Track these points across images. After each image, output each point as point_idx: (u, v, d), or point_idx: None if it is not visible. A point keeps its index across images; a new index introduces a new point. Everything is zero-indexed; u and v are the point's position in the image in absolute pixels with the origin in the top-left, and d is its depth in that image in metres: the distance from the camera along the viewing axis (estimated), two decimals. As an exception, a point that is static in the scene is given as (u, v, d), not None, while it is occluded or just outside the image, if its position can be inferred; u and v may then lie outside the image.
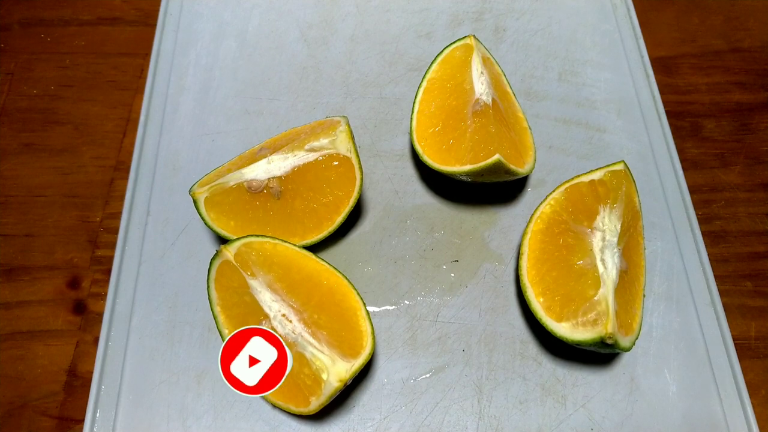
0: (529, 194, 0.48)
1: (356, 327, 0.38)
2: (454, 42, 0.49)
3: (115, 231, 0.46)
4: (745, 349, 0.43)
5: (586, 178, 0.43)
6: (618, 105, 0.53)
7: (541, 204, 0.43)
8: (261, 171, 0.42)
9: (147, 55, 0.55)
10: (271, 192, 0.41)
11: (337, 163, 0.42)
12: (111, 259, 0.45)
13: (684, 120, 0.53)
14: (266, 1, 0.57)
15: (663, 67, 0.56)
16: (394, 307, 0.43)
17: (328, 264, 0.40)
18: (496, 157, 0.40)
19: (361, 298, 0.39)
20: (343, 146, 0.42)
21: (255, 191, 0.41)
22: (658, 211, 0.48)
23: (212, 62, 0.54)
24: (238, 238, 0.39)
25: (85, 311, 0.44)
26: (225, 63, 0.54)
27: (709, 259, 0.45)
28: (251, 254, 0.39)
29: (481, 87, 0.45)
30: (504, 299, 0.44)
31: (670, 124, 0.51)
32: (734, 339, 0.43)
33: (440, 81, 0.47)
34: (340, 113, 0.51)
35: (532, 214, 0.43)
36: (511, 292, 0.44)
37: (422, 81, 0.47)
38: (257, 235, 0.40)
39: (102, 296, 0.44)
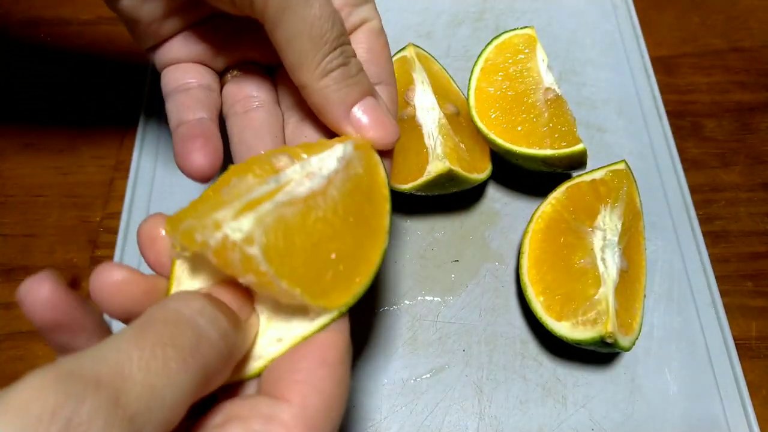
0: (530, 194, 0.48)
1: None
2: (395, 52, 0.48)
3: (115, 231, 0.46)
4: (745, 349, 0.43)
5: (587, 178, 0.43)
6: (618, 104, 0.53)
7: (542, 203, 0.43)
8: None
9: (147, 55, 0.55)
10: None
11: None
12: (111, 259, 0.45)
13: (685, 120, 0.53)
14: (266, 1, 0.57)
15: (663, 66, 0.56)
16: (394, 307, 0.43)
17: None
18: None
19: None
20: None
21: None
22: (659, 211, 0.48)
23: (212, 62, 0.54)
24: None
25: (84, 311, 0.44)
26: (225, 63, 0.54)
27: (710, 259, 0.45)
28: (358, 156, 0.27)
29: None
30: (504, 299, 0.44)
31: (671, 124, 0.51)
32: (735, 339, 0.42)
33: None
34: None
35: (533, 214, 0.43)
36: (511, 292, 0.44)
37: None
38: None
39: (102, 296, 0.44)
